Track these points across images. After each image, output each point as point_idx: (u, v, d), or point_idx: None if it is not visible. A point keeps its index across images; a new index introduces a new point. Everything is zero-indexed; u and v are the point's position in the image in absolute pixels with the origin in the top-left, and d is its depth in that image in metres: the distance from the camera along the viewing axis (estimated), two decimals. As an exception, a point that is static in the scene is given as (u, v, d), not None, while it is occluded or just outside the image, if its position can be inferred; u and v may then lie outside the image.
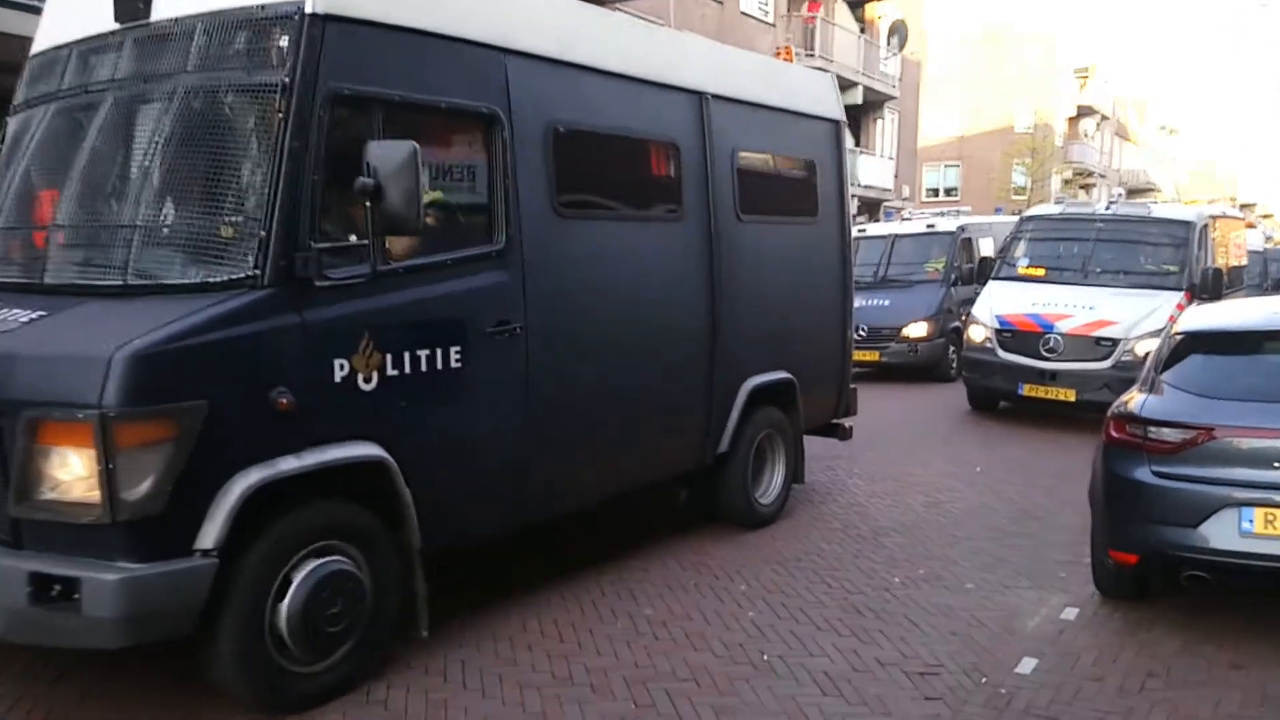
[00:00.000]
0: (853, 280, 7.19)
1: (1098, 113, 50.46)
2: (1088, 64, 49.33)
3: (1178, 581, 4.59)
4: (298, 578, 3.65)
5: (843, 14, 29.08)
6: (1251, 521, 4.29)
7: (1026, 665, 4.33)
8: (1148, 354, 8.87)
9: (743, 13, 24.95)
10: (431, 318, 4.16)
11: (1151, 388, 4.88)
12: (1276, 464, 4.28)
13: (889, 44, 30.08)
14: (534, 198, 4.57)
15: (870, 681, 4.14)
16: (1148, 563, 4.65)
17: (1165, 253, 10.60)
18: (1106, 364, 9.59)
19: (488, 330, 4.34)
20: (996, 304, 10.71)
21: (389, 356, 3.93)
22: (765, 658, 4.35)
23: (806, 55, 26.17)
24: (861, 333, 12.98)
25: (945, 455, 8.90)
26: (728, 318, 5.77)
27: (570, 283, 4.77)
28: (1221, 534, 4.34)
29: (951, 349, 13.51)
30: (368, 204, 3.66)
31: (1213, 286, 9.95)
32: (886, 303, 13.66)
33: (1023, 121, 41.81)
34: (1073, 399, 9.75)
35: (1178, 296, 9.92)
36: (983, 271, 12.03)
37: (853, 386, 7.23)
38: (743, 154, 6.03)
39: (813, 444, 9.14)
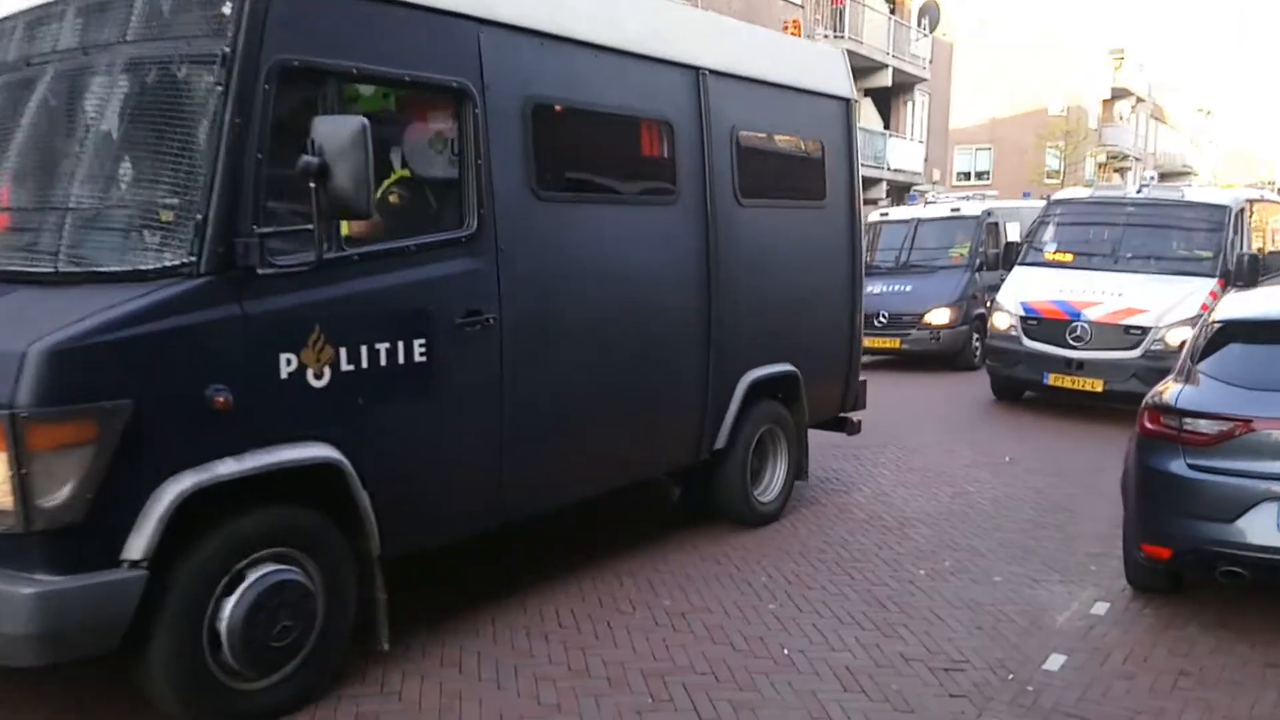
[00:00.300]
0: (863, 268, 6.86)
1: (1133, 95, 49.49)
2: (1122, 45, 48.37)
3: (1213, 577, 4.45)
4: (240, 588, 3.41)
5: (873, -5, 28.65)
6: (1291, 517, 4.15)
7: (1055, 662, 4.23)
8: (1180, 343, 8.63)
9: (771, -6, 24.62)
10: (392, 308, 3.87)
11: (1187, 378, 4.73)
12: (1318, 458, 4.14)
13: (920, 25, 29.68)
14: (510, 180, 4.28)
15: (893, 677, 4.06)
16: (1182, 558, 4.52)
17: (1199, 238, 10.24)
18: (1135, 353, 9.30)
19: (457, 321, 4.06)
20: (1022, 290, 10.39)
21: (343, 350, 3.65)
22: (786, 652, 4.27)
23: (836, 37, 25.86)
24: (882, 319, 12.86)
25: (973, 445, 8.74)
26: (725, 307, 5.47)
27: (550, 270, 4.50)
28: (1259, 529, 4.21)
29: (975, 336, 13.20)
30: (312, 185, 3.36)
31: (1248, 273, 9.57)
32: (908, 288, 13.32)
33: (1056, 104, 41.10)
34: (1100, 389, 9.46)
35: (1211, 283, 9.58)
36: (1008, 257, 11.73)
37: (862, 379, 6.93)
38: (743, 134, 5.72)
39: (838, 434, 9.09)
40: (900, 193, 27.59)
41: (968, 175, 41.11)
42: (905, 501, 6.75)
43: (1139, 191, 11.11)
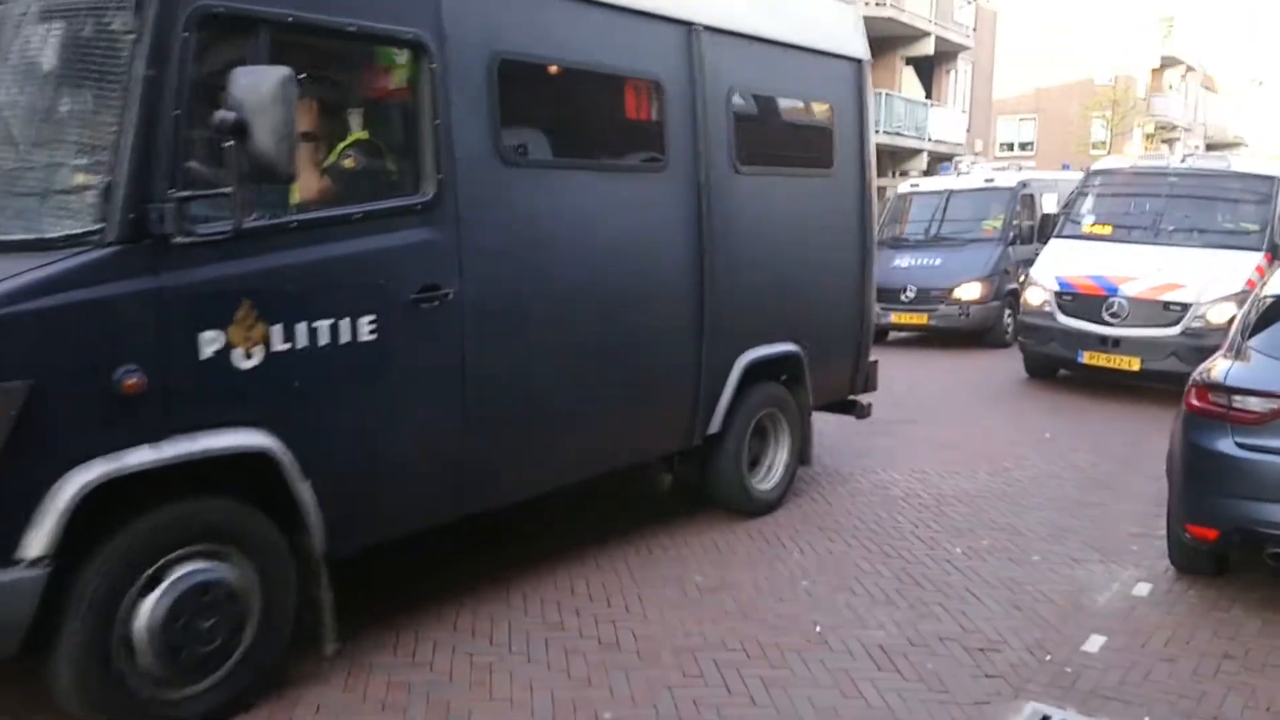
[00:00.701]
0: (874, 241, 6.44)
1: (1183, 63, 48.15)
2: (1172, 13, 47.01)
3: (1260, 559, 4.34)
4: (159, 589, 3.13)
5: (915, -39, 28.05)
6: (1344, 498, 4.02)
7: (1094, 643, 4.14)
8: (1223, 321, 8.25)
9: (810, -39, 24.15)
10: (336, 282, 3.52)
11: (1238, 354, 4.59)
12: (1374, 438, 3.99)
13: (963, -8, 29.00)
14: (473, 142, 3.90)
15: (928, 656, 4.00)
16: (1228, 539, 4.40)
17: (1245, 210, 9.78)
18: (1175, 330, 8.89)
19: (411, 297, 3.72)
20: (1057, 264, 10.00)
21: (277, 328, 3.31)
22: (818, 629, 4.22)
23: (877, 4, 25.36)
24: (909, 294, 12.62)
25: (1012, 421, 8.62)
26: (720, 283, 5.10)
27: (521, 242, 4.15)
28: (1311, 511, 4.08)
29: (1008, 313, 12.80)
30: (229, 143, 3.04)
31: None
32: (937, 262, 12.88)
33: (1103, 73, 40.09)
34: (1136, 368, 9.10)
35: (1257, 257, 9.18)
36: (1044, 229, 11.29)
37: (873, 359, 6.57)
38: (741, 96, 5.33)
39: (881, 406, 8.99)
40: (941, 163, 27.19)
41: (1011, 146, 40.34)
42: (943, 478, 6.66)
43: (1182, 161, 10.68)
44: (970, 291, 12.62)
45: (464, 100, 3.86)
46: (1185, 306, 8.92)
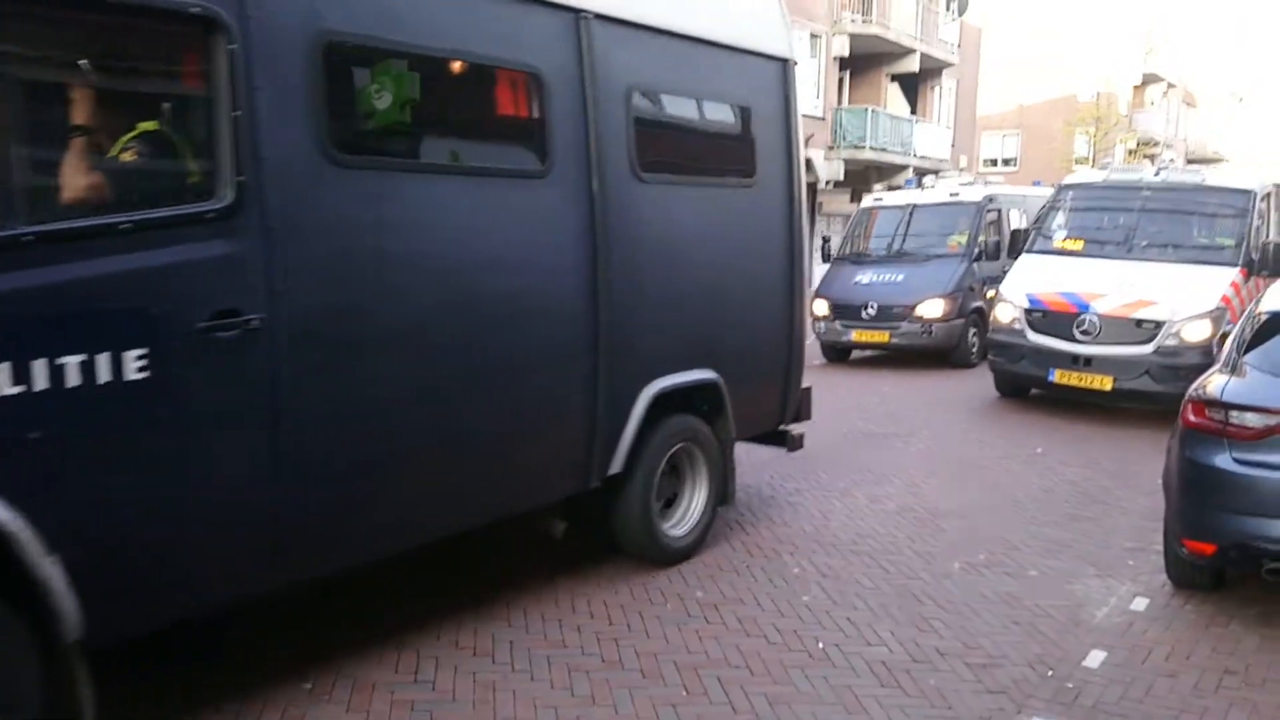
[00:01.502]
0: (805, 257, 5.83)
1: (1164, 80, 48.76)
2: (1154, 30, 47.63)
3: (1257, 574, 4.36)
4: None
5: (901, -22, 28.34)
6: (1341, 514, 4.05)
7: (1095, 659, 4.16)
8: (1205, 338, 8.32)
9: (798, -22, 24.38)
10: (91, 308, 2.87)
11: (1234, 370, 4.63)
12: (1370, 453, 4.03)
13: (948, 9, 29.32)
14: (288, 139, 3.26)
15: (930, 672, 4.00)
16: (1226, 554, 4.43)
17: (1220, 225, 9.57)
18: (1148, 349, 8.62)
19: (200, 326, 3.06)
20: (1027, 280, 9.71)
21: (3, 367, 2.68)
22: (820, 645, 4.22)
23: (864, 20, 25.58)
24: (870, 311, 12.34)
25: (1002, 435, 8.65)
26: (620, 305, 4.51)
27: (357, 256, 3.51)
28: (1307, 526, 4.11)
29: (973, 331, 12.54)
30: None
31: (1273, 262, 9.01)
32: (899, 278, 12.50)
33: (1086, 90, 40.55)
34: (1109, 387, 8.80)
35: (1232, 273, 8.97)
36: (1015, 245, 10.92)
37: (806, 386, 6.02)
38: (644, 95, 4.76)
39: (867, 422, 9.06)
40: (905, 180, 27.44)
41: (994, 161, 40.70)
42: (938, 492, 6.68)
43: (1157, 174, 10.33)
44: (933, 309, 12.21)
45: (275, 88, 3.23)
46: (1158, 324, 8.68)
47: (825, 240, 14.66)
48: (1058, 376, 9.13)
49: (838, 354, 13.19)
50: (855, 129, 25.91)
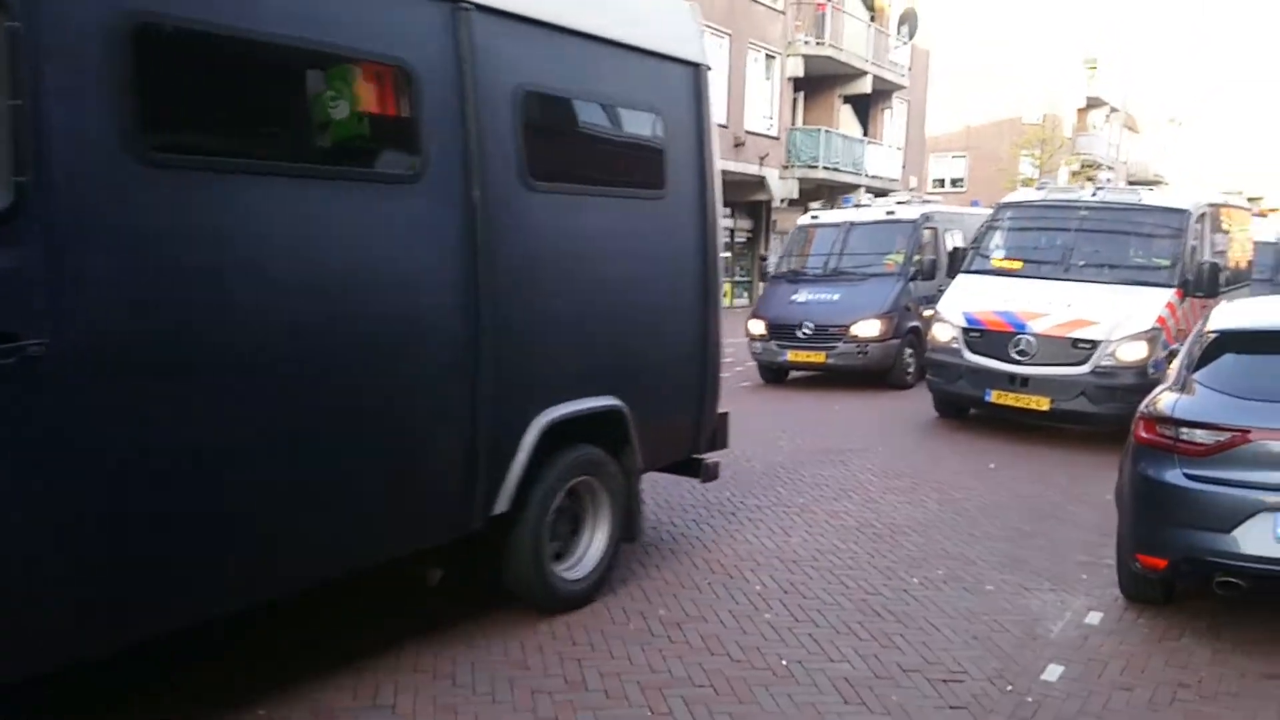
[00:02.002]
0: (719, 276, 5.44)
1: (1106, 104, 50.19)
2: (1096, 55, 49.04)
3: (1208, 588, 4.45)
4: None
5: (852, 2, 28.88)
6: (1288, 527, 4.15)
7: (1052, 673, 4.20)
8: (1140, 359, 8.39)
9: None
10: None
11: (1183, 387, 4.73)
12: (1315, 468, 4.14)
13: (899, 33, 29.88)
14: (84, 134, 2.86)
15: (892, 689, 4.01)
16: (1177, 568, 4.51)
17: (1156, 244, 9.53)
18: (1084, 369, 8.62)
19: None
20: (965, 299, 9.66)
21: None
22: (784, 662, 4.22)
23: (817, 43, 25.97)
24: (806, 331, 12.21)
25: (955, 451, 8.76)
26: (506, 327, 4.09)
27: (170, 272, 3.03)
28: (1256, 540, 4.21)
29: (909, 352, 12.43)
30: None
31: (1208, 283, 9.05)
32: (835, 297, 12.38)
33: (1032, 113, 41.58)
34: (1046, 408, 8.77)
35: (1168, 294, 8.95)
36: (952, 264, 10.77)
37: (723, 411, 5.62)
38: (536, 96, 4.31)
39: (828, 438, 9.12)
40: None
41: (943, 182, 41.53)
42: (895, 508, 6.73)
43: (1093, 194, 10.23)
44: (868, 329, 12.04)
45: (68, 75, 2.84)
46: (1094, 344, 8.65)
47: (763, 259, 14.65)
48: (995, 396, 9.09)
49: (774, 375, 13.08)
50: (809, 149, 26.27)
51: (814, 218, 14.37)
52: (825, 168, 26.00)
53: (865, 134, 29.70)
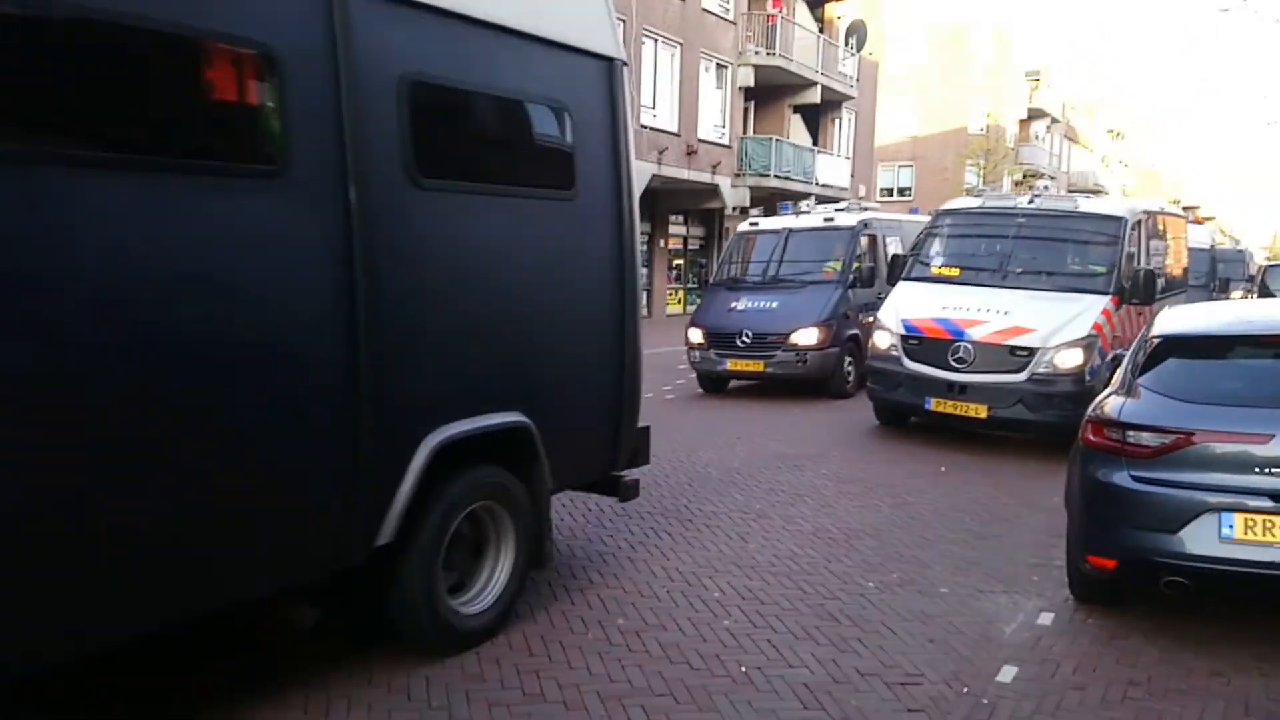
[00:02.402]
0: (637, 281, 5.13)
1: (1048, 115, 51.41)
2: (1039, 68, 50.24)
3: (1156, 587, 4.54)
4: None
5: (802, 13, 29.23)
6: (1232, 527, 4.25)
7: (1007, 674, 4.25)
8: (1077, 365, 8.39)
9: (704, 9, 24.89)
10: None
11: (1129, 391, 4.83)
12: (1257, 469, 4.25)
13: (847, 44, 30.27)
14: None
15: (851, 693, 4.03)
16: (1126, 568, 4.59)
17: (1093, 251, 9.57)
18: (1021, 377, 8.61)
19: None
20: (904, 307, 9.66)
21: None
22: (743, 669, 4.21)
23: (768, 53, 26.20)
24: (745, 339, 12.02)
25: (908, 454, 8.86)
26: (390, 338, 3.74)
27: None
28: (1201, 540, 4.29)
29: (849, 360, 12.34)
30: None
31: (1144, 290, 9.10)
32: (774, 305, 12.22)
33: (976, 123, 42.47)
34: (984, 415, 8.76)
35: (1104, 301, 8.95)
36: (892, 271, 10.75)
37: (644, 425, 5.34)
38: (424, 86, 3.97)
39: (781, 445, 9.16)
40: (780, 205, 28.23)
41: (891, 191, 42.18)
42: (849, 513, 6.78)
43: (1030, 202, 10.12)
44: (807, 337, 11.86)
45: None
46: (1031, 351, 8.63)
47: (701, 265, 14.46)
48: (934, 404, 9.07)
49: (714, 384, 12.88)
50: (760, 157, 26.49)
51: (753, 224, 14.15)
52: (777, 176, 26.23)
53: (815, 143, 30.02)
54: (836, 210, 14.01)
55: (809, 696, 3.98)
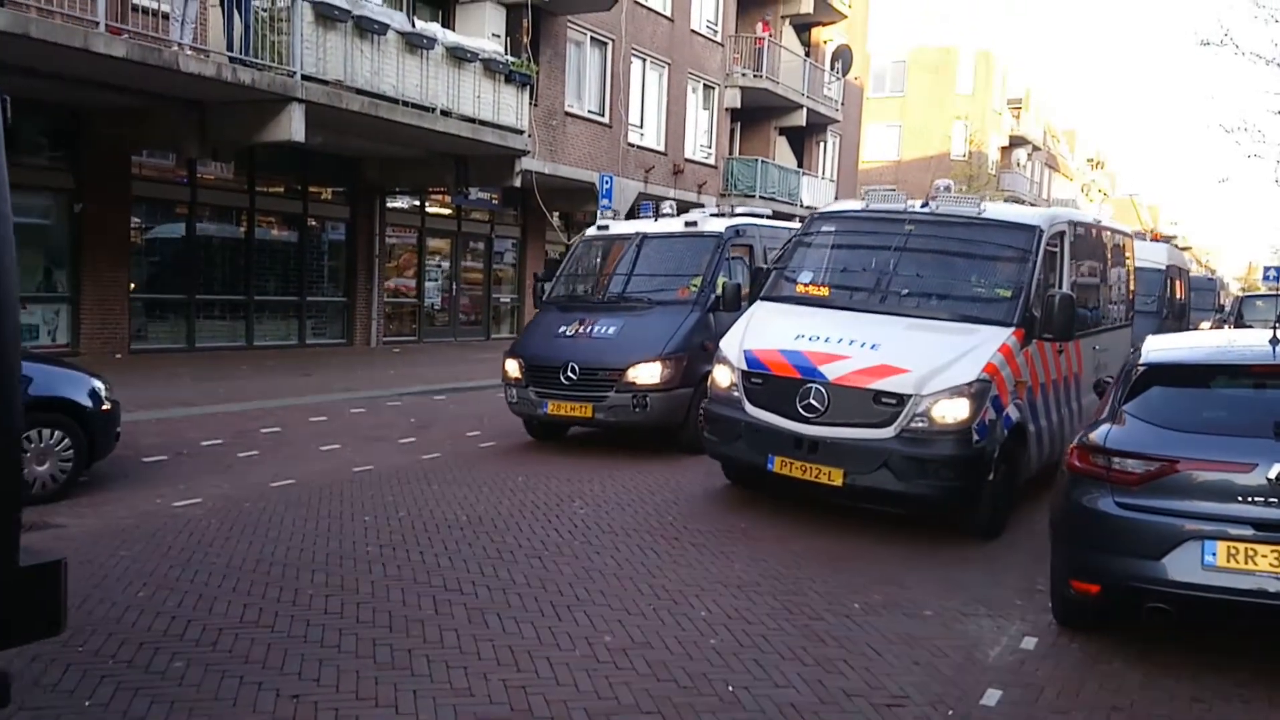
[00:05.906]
0: (17, 309, 2.93)
1: (1029, 143, 52.09)
2: (1021, 95, 50.98)
3: (1139, 613, 4.58)
4: None
5: (789, 37, 29.51)
6: (1214, 555, 4.31)
7: (991, 697, 4.27)
8: (961, 420, 6.30)
9: (693, 30, 25.11)
10: None
11: (1114, 418, 4.89)
12: (1239, 498, 4.31)
13: (833, 68, 30.56)
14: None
15: (837, 714, 4.04)
16: (1109, 594, 4.64)
17: (998, 269, 7.42)
18: (888, 432, 6.42)
19: None
20: (750, 335, 7.39)
21: None
22: (730, 689, 4.21)
23: (755, 75, 26.43)
24: (570, 376, 9.20)
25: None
26: None
27: None
28: (1184, 567, 4.35)
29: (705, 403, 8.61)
30: None
31: (1059, 320, 6.91)
32: (610, 331, 9.40)
33: (959, 148, 43.01)
34: (839, 483, 6.51)
35: (1005, 334, 6.77)
36: (755, 289, 8.37)
37: (55, 560, 2.96)
38: None
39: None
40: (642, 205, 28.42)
41: (874, 214, 42.55)
42: (835, 534, 6.78)
43: (924, 205, 7.90)
44: (648, 374, 9.03)
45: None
46: (902, 399, 6.43)
47: (535, 277, 11.38)
48: (777, 465, 6.78)
49: (546, 430, 10.05)
50: (746, 178, 26.67)
51: (601, 228, 11.14)
52: (761, 196, 26.38)
53: (800, 165, 30.25)
54: (706, 212, 11.35)
55: (795, 716, 3.99)
